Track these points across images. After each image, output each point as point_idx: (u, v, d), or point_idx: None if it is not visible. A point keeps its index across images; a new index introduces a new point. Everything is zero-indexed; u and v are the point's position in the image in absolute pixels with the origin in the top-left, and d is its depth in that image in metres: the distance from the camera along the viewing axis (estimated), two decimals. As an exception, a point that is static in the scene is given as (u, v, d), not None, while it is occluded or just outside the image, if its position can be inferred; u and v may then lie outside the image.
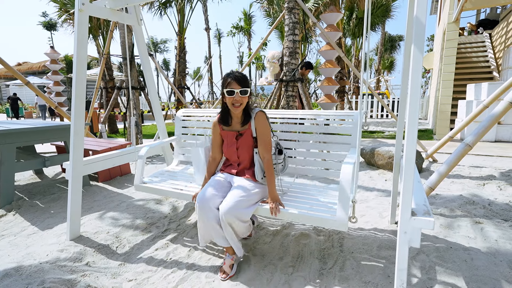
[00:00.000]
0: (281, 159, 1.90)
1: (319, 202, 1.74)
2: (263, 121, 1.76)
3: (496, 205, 2.51)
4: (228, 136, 1.83)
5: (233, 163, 1.87)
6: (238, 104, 1.70)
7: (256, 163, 1.77)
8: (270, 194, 1.68)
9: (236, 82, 1.67)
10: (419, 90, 1.08)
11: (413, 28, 1.10)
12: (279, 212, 1.61)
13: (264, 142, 1.74)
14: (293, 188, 2.02)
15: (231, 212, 1.57)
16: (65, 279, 1.62)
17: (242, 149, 1.80)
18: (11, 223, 2.44)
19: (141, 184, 2.12)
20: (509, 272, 1.60)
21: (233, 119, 1.81)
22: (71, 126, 2.02)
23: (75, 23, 1.95)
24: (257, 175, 1.76)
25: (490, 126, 2.23)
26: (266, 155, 1.73)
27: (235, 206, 1.58)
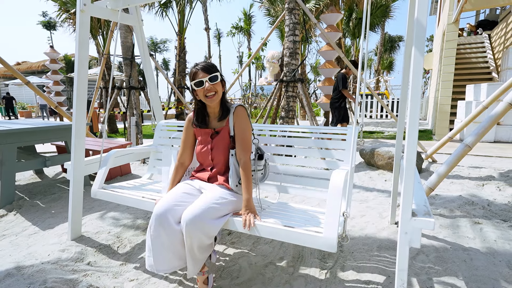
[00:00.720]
0: (261, 166, 1.63)
1: (304, 218, 1.50)
2: (243, 117, 1.54)
3: (495, 205, 2.52)
4: (202, 135, 1.61)
5: (206, 168, 1.63)
6: (211, 94, 1.49)
7: (232, 167, 1.52)
8: (245, 203, 1.42)
9: (202, 71, 1.48)
10: (419, 92, 1.09)
11: (414, 30, 1.11)
12: (254, 226, 1.33)
13: (242, 140, 1.51)
14: (275, 206, 1.73)
15: (197, 222, 1.30)
16: (67, 279, 1.63)
17: (217, 150, 1.57)
18: (12, 223, 2.44)
19: (99, 189, 1.89)
20: (508, 272, 1.61)
21: (210, 116, 1.61)
22: (73, 126, 2.02)
23: (76, 24, 1.96)
24: (231, 181, 1.51)
25: (489, 126, 2.24)
26: (243, 156, 1.49)
27: (201, 215, 1.31)
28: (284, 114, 4.49)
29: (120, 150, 2.17)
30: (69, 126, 3.19)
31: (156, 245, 1.37)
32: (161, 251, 1.37)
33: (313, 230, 1.27)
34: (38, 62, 22.59)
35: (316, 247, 1.23)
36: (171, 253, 1.38)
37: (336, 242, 1.18)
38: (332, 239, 1.18)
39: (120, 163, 2.42)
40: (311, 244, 1.23)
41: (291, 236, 1.27)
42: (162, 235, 1.36)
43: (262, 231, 1.33)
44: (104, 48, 7.90)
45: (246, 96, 19.01)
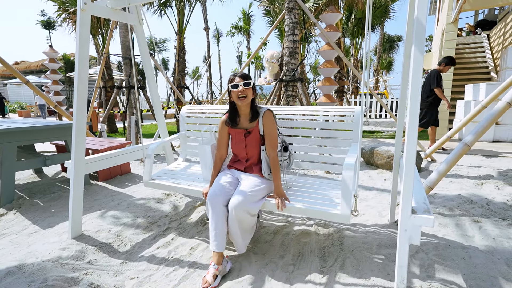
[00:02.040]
0: (286, 156, 1.97)
1: (322, 197, 1.81)
2: (271, 120, 1.83)
3: (494, 204, 2.54)
4: (236, 134, 1.90)
5: (241, 159, 1.94)
6: (243, 96, 1.77)
7: (263, 160, 1.85)
8: (276, 190, 1.76)
9: (238, 77, 1.79)
10: (419, 91, 1.10)
11: (414, 29, 1.12)
12: (285, 207, 1.69)
13: (271, 140, 1.82)
14: (297, 182, 2.09)
15: (241, 206, 1.64)
16: (68, 277, 1.63)
17: (250, 146, 1.88)
18: (12, 221, 2.44)
19: (150, 180, 2.19)
20: (507, 270, 1.62)
21: (241, 117, 1.88)
22: (73, 125, 2.02)
23: (77, 23, 1.96)
24: (264, 171, 1.85)
25: (488, 126, 2.25)
26: (272, 152, 1.81)
27: (244, 201, 1.66)
28: (284, 113, 4.49)
29: (158, 142, 2.40)
30: (69, 125, 3.19)
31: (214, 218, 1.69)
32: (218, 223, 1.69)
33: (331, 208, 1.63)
34: (37, 62, 22.53)
35: (334, 220, 1.62)
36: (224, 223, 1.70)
37: (350, 217, 1.54)
38: (347, 215, 1.53)
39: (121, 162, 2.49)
40: (331, 219, 1.60)
41: (315, 213, 1.63)
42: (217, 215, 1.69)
43: (293, 210, 1.69)
44: (104, 47, 7.89)
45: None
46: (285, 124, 2.19)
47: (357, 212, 1.61)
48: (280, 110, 2.25)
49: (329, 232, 2.12)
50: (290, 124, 2.20)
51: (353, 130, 2.01)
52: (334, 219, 1.58)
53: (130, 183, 3.47)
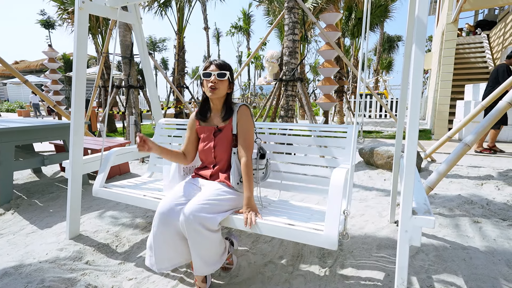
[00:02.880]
0: (262, 165, 1.64)
1: (305, 215, 1.50)
2: (247, 116, 1.58)
3: (494, 204, 2.53)
4: (205, 132, 1.64)
5: (208, 165, 1.66)
6: (214, 88, 1.51)
7: (233, 165, 1.54)
8: (246, 201, 1.44)
9: (214, 65, 1.54)
10: (420, 90, 1.09)
11: (414, 28, 1.11)
12: (255, 224, 1.34)
13: (245, 139, 1.54)
14: (276, 203, 1.74)
15: (195, 216, 1.32)
16: (65, 278, 1.62)
17: (219, 148, 1.59)
18: (9, 221, 2.43)
19: (100, 188, 1.90)
20: (508, 271, 1.61)
21: (212, 112, 1.64)
22: (71, 125, 2.01)
23: (75, 22, 1.94)
24: (232, 179, 1.52)
25: (488, 126, 2.25)
26: (245, 155, 1.51)
27: (199, 210, 1.33)
28: (284, 113, 4.49)
29: (120, 149, 2.15)
30: (68, 125, 3.17)
31: (158, 243, 1.41)
32: (163, 249, 1.41)
33: (314, 228, 1.28)
34: (37, 61, 22.50)
35: (317, 245, 1.24)
36: (172, 250, 1.42)
37: (337, 240, 1.19)
38: (333, 237, 1.19)
39: (120, 161, 2.41)
40: (312, 242, 1.24)
41: (292, 233, 1.28)
42: (165, 233, 1.39)
43: (263, 228, 1.34)
44: (103, 47, 7.88)
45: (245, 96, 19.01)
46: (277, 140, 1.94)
47: (347, 235, 1.28)
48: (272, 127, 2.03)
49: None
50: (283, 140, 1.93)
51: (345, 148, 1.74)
52: (316, 243, 1.23)
53: (129, 183, 3.45)
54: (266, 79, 18.93)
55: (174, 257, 1.44)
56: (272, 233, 1.33)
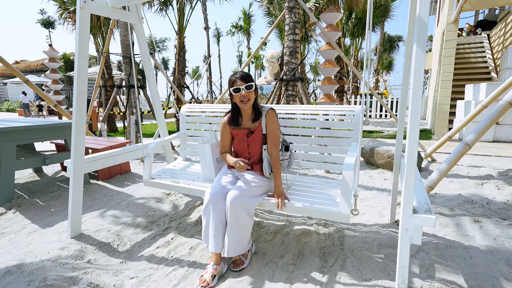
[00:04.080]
0: (287, 156, 1.97)
1: (322, 196, 1.80)
2: (273, 118, 1.82)
3: (494, 204, 2.53)
4: (239, 134, 1.89)
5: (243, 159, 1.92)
6: (246, 100, 1.76)
7: (265, 159, 1.84)
8: (276, 189, 1.74)
9: (240, 79, 1.76)
10: (421, 90, 1.09)
11: (415, 27, 1.11)
12: (285, 206, 1.67)
13: (273, 139, 1.81)
14: (297, 181, 2.08)
15: (238, 199, 1.63)
16: (67, 277, 1.62)
17: (253, 146, 1.87)
18: (11, 221, 2.44)
19: (150, 179, 2.17)
20: (508, 270, 1.62)
21: (243, 117, 1.88)
22: (73, 124, 2.02)
23: (76, 21, 1.95)
24: (265, 170, 1.83)
25: (489, 125, 2.25)
26: (274, 151, 1.80)
27: (241, 194, 1.65)
28: (284, 113, 4.49)
29: (157, 141, 2.39)
30: (69, 124, 3.18)
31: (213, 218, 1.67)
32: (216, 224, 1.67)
33: (331, 207, 1.61)
34: (37, 61, 22.49)
35: (334, 220, 1.58)
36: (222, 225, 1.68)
37: (349, 216, 1.52)
38: (346, 214, 1.52)
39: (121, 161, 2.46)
40: (330, 218, 1.58)
41: (314, 212, 1.62)
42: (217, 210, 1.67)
43: (292, 209, 1.68)
44: (104, 46, 7.88)
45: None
46: (286, 123, 2.18)
47: (357, 211, 1.60)
48: (280, 109, 2.25)
49: (330, 232, 2.11)
50: (291, 124, 2.19)
51: (353, 129, 2.00)
52: (333, 219, 1.57)
53: (129, 183, 3.46)
54: (266, 79, 18.92)
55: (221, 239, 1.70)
56: (299, 213, 1.68)
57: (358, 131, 1.92)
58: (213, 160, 2.09)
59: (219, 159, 2.15)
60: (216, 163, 2.12)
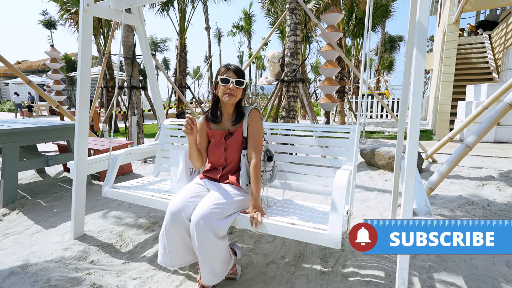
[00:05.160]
0: (269, 167, 1.68)
1: (308, 215, 1.54)
2: (257, 119, 1.61)
3: (495, 205, 2.54)
4: (215, 136, 1.64)
5: (218, 167, 1.68)
6: (232, 94, 1.54)
7: (243, 167, 1.57)
8: (253, 202, 1.46)
9: (232, 72, 1.54)
10: (421, 92, 1.11)
11: (415, 31, 1.12)
12: (261, 224, 1.38)
13: (254, 142, 1.57)
14: (280, 203, 1.78)
15: (205, 221, 1.35)
16: (71, 277, 1.64)
17: (230, 150, 1.62)
18: (14, 221, 2.46)
19: (110, 188, 1.92)
20: (508, 272, 1.63)
21: (223, 116, 1.65)
22: (76, 125, 2.03)
23: (79, 24, 1.97)
24: (241, 180, 1.56)
25: (490, 127, 2.26)
26: (255, 156, 1.54)
27: (210, 215, 1.36)
28: (285, 113, 4.50)
29: (128, 149, 2.18)
30: (71, 126, 3.20)
31: (171, 241, 1.46)
32: (176, 246, 1.47)
33: (318, 227, 1.32)
34: (39, 61, 22.56)
35: (322, 244, 1.28)
36: (186, 247, 1.48)
37: (340, 239, 1.23)
38: (337, 236, 1.23)
39: (124, 162, 2.44)
40: (317, 241, 1.28)
41: (297, 233, 1.32)
42: (176, 232, 1.44)
43: (269, 228, 1.38)
44: (105, 47, 7.91)
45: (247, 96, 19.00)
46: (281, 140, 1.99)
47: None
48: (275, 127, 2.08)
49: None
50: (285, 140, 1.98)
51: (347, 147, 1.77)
52: (320, 242, 1.27)
53: (131, 183, 3.48)
54: (267, 79, 18.94)
55: (187, 254, 1.50)
56: (278, 233, 1.37)
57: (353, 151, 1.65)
58: (186, 170, 1.82)
59: (192, 170, 1.88)
60: (189, 174, 1.85)
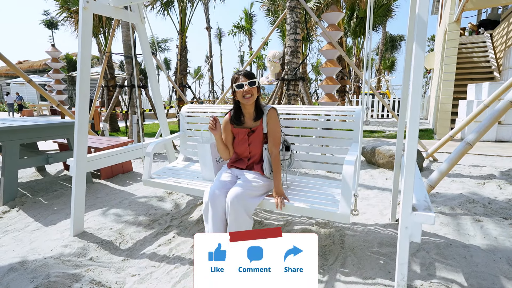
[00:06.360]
0: (288, 156, 1.97)
1: (322, 196, 1.80)
2: (275, 117, 1.83)
3: (496, 203, 2.53)
4: (239, 133, 1.89)
5: (243, 158, 1.94)
6: (248, 95, 1.77)
7: (265, 159, 1.85)
8: (276, 189, 1.74)
9: (243, 76, 1.77)
10: (421, 87, 1.10)
11: (415, 27, 1.12)
12: (284, 206, 1.67)
13: (274, 138, 1.82)
14: (297, 182, 2.08)
15: (239, 198, 1.63)
16: (70, 274, 1.64)
17: (253, 145, 1.88)
18: (14, 219, 2.46)
19: (149, 179, 2.17)
20: (508, 269, 1.62)
21: (245, 116, 1.88)
22: (75, 123, 2.04)
23: (79, 21, 1.97)
24: (265, 170, 1.84)
25: (490, 125, 2.25)
26: (274, 150, 1.80)
27: (243, 193, 1.65)
28: (285, 112, 4.50)
29: (157, 141, 2.38)
30: (71, 124, 3.20)
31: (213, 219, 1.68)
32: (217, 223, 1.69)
33: (331, 207, 1.61)
34: (40, 61, 22.60)
35: (334, 220, 1.59)
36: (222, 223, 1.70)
37: (349, 216, 1.52)
38: (346, 214, 1.52)
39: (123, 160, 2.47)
40: (330, 218, 1.59)
41: (314, 212, 1.62)
42: (215, 212, 1.68)
43: (291, 209, 1.68)
44: (106, 46, 7.92)
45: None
46: (287, 124, 2.19)
47: (357, 211, 1.59)
48: (282, 110, 2.24)
49: (330, 231, 2.12)
50: (292, 124, 2.20)
51: (353, 129, 2.00)
52: (333, 219, 1.57)
53: (131, 181, 3.48)
54: (268, 79, 18.94)
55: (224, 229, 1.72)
56: (299, 212, 1.69)
57: (358, 132, 1.91)
58: (213, 160, 2.10)
59: (218, 159, 2.16)
60: (216, 163, 2.13)
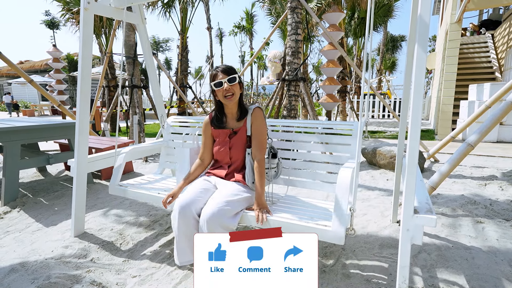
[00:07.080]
0: (274, 164, 1.72)
1: (312, 212, 1.56)
2: (260, 118, 1.64)
3: (497, 205, 2.52)
4: (220, 135, 1.70)
5: (223, 165, 1.73)
6: (230, 94, 1.58)
7: (248, 165, 1.62)
8: (257, 200, 1.50)
9: (221, 72, 1.58)
10: (422, 88, 1.09)
11: (417, 27, 1.11)
12: (266, 221, 1.42)
13: (258, 140, 1.61)
14: (284, 199, 1.80)
15: (215, 219, 1.39)
16: (70, 275, 1.64)
17: (235, 149, 1.67)
18: (15, 219, 2.46)
19: (116, 186, 1.99)
20: (510, 271, 1.61)
21: (227, 116, 1.70)
22: (76, 124, 2.04)
23: (80, 22, 1.97)
24: (247, 178, 1.61)
25: (492, 126, 2.24)
26: (258, 155, 1.59)
27: (220, 212, 1.41)
28: (286, 113, 4.49)
29: (133, 147, 2.20)
30: (72, 124, 3.20)
31: (179, 235, 1.49)
32: (184, 241, 1.49)
33: (322, 224, 1.35)
34: (41, 61, 22.65)
35: (326, 240, 1.32)
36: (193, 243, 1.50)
37: (344, 235, 1.28)
38: (341, 233, 1.27)
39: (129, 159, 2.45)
40: (321, 238, 1.30)
41: (301, 230, 1.35)
42: (186, 225, 1.47)
43: (274, 225, 1.41)
44: (107, 47, 7.92)
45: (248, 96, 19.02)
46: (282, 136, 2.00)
47: (353, 230, 1.36)
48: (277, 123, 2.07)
49: (331, 232, 2.11)
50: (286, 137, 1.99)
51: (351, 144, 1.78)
52: (324, 238, 1.31)
53: (132, 182, 3.48)
54: (268, 79, 18.93)
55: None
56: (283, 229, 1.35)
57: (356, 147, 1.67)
58: (190, 166, 1.86)
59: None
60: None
